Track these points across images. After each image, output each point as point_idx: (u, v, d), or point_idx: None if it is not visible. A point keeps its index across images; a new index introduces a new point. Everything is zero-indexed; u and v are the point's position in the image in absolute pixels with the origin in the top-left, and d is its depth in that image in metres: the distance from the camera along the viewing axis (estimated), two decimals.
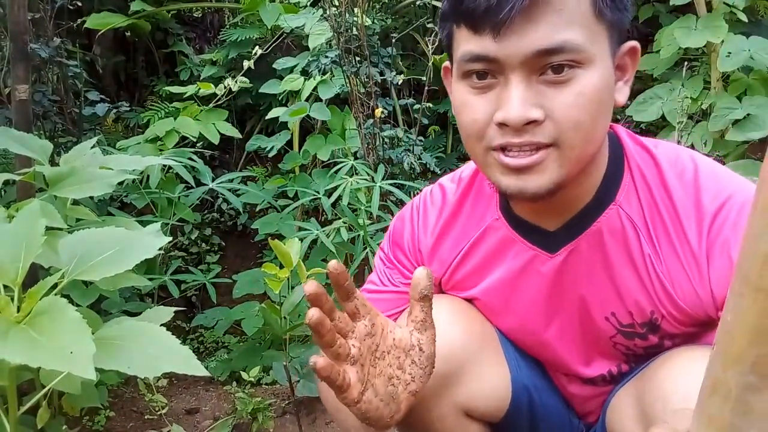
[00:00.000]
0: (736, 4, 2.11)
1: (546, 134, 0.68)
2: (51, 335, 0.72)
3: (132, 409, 1.62)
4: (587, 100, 0.68)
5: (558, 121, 0.68)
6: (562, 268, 0.83)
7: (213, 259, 2.49)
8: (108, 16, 2.93)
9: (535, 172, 0.70)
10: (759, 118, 1.94)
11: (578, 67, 0.67)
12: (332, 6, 2.13)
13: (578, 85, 0.67)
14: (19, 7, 1.36)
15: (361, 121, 2.09)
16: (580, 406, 0.96)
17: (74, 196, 1.21)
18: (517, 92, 0.67)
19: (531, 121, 0.67)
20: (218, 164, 2.90)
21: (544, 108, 0.68)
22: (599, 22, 0.68)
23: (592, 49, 0.67)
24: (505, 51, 0.66)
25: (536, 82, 0.68)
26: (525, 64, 0.67)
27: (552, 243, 0.83)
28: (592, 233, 0.80)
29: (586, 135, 0.69)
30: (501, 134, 0.69)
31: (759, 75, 2.10)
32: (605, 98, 0.70)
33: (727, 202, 0.74)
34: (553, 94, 0.68)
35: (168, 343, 0.80)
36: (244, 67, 2.48)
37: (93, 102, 2.48)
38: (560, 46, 0.66)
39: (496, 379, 0.90)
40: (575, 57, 0.66)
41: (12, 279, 0.83)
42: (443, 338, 0.86)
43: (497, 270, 0.88)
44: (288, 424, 1.58)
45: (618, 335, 0.84)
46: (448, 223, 0.92)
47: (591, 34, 0.67)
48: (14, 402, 0.87)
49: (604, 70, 0.69)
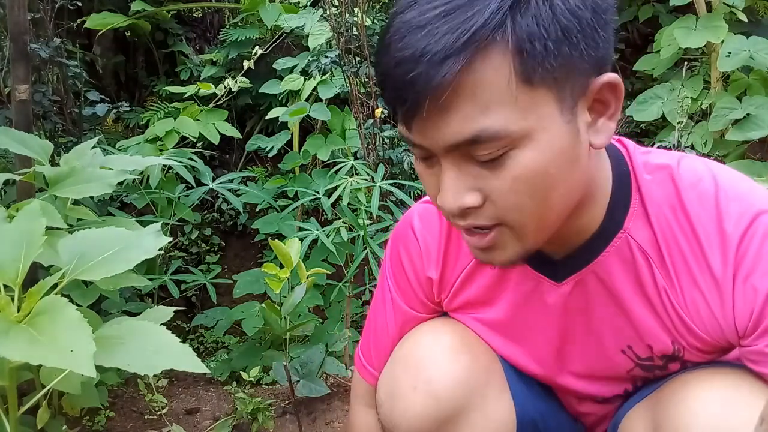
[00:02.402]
0: (736, 4, 2.11)
1: (488, 216, 0.63)
2: (51, 334, 0.72)
3: (132, 409, 1.62)
4: (526, 183, 0.60)
5: (497, 205, 0.62)
6: (569, 299, 0.78)
7: (213, 259, 2.50)
8: (108, 16, 2.93)
9: (496, 249, 0.66)
10: (759, 118, 1.94)
11: (509, 149, 0.59)
12: (332, 6, 2.13)
13: (514, 169, 0.60)
14: (19, 7, 1.36)
15: (361, 121, 2.09)
16: (590, 422, 0.93)
17: (74, 196, 1.21)
18: (449, 180, 0.62)
19: (467, 207, 0.62)
20: (218, 164, 2.90)
21: (482, 191, 0.62)
22: (533, 89, 0.58)
23: (524, 124, 0.58)
24: (425, 141, 0.62)
25: (470, 164, 0.61)
26: (450, 152, 0.61)
27: (557, 272, 0.78)
28: (599, 264, 0.75)
29: (535, 214, 0.63)
30: (451, 216, 0.65)
31: (759, 75, 2.10)
32: (556, 169, 0.61)
33: (751, 225, 0.68)
34: (489, 178, 0.61)
35: (168, 341, 0.80)
36: (244, 67, 2.48)
37: (93, 102, 2.48)
38: (475, 137, 0.58)
39: (501, 416, 0.86)
40: (498, 144, 0.59)
41: (12, 279, 0.83)
42: (445, 378, 0.83)
43: (502, 295, 0.84)
44: (288, 424, 1.58)
45: (636, 368, 0.80)
46: (448, 244, 0.87)
47: (521, 109, 0.58)
48: (14, 402, 0.87)
49: (549, 138, 0.60)
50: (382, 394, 0.89)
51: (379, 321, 0.96)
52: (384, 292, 0.95)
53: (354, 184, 1.85)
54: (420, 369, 0.85)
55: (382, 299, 0.96)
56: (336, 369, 1.65)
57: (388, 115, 2.15)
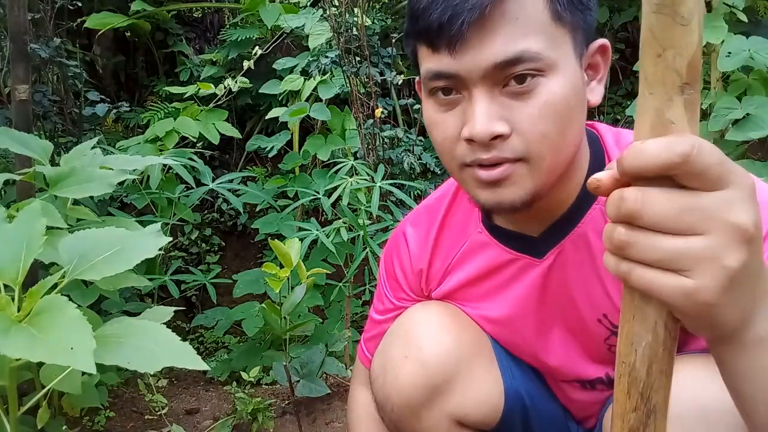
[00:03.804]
0: (736, 4, 2.11)
1: (513, 149, 0.67)
2: (51, 332, 0.72)
3: (132, 410, 1.62)
4: (552, 110, 0.66)
5: (524, 134, 0.67)
6: (550, 273, 0.82)
7: (213, 259, 2.50)
8: (108, 16, 2.93)
9: (509, 184, 0.69)
10: (759, 118, 1.94)
11: (540, 75, 0.65)
12: (332, 6, 2.14)
13: (542, 95, 0.66)
14: (19, 7, 1.36)
15: (361, 121, 2.09)
16: (579, 412, 0.96)
17: (74, 196, 1.21)
18: (480, 107, 0.66)
19: (497, 135, 0.66)
20: (218, 164, 2.90)
21: (510, 121, 0.67)
22: (559, 27, 0.66)
23: (553, 55, 0.66)
24: (463, 66, 0.66)
25: (500, 95, 0.67)
26: (486, 78, 0.66)
27: (538, 248, 0.83)
28: (577, 235, 0.80)
29: (555, 145, 0.68)
30: (471, 150, 0.69)
31: (759, 75, 2.10)
32: (573, 103, 0.68)
33: None
34: (518, 107, 0.66)
35: (168, 339, 0.80)
36: (244, 67, 2.48)
37: (93, 102, 2.48)
38: (518, 56, 0.64)
39: (489, 387, 0.90)
40: (535, 65, 0.65)
41: (13, 278, 0.83)
42: (434, 347, 0.87)
43: (486, 281, 0.88)
44: (288, 424, 1.58)
45: (612, 337, 0.83)
46: (437, 239, 0.93)
47: (551, 39, 0.66)
48: (14, 402, 0.87)
49: (569, 74, 0.67)
50: (376, 368, 0.93)
51: (377, 311, 1.03)
52: (380, 287, 1.02)
53: (354, 184, 1.85)
54: (411, 339, 0.89)
55: (379, 294, 1.03)
56: (336, 369, 1.65)
57: (388, 115, 2.15)
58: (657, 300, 0.43)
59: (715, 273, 0.41)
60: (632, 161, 0.42)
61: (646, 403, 0.45)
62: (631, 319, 0.45)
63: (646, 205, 0.41)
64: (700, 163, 0.40)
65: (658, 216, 0.41)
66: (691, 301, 0.42)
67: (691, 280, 0.41)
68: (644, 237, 0.42)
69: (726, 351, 0.48)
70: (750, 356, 0.47)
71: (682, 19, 0.40)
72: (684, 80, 0.41)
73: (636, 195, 0.42)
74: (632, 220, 0.42)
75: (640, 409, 0.45)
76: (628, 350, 0.45)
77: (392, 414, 0.91)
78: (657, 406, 0.45)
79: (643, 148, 0.41)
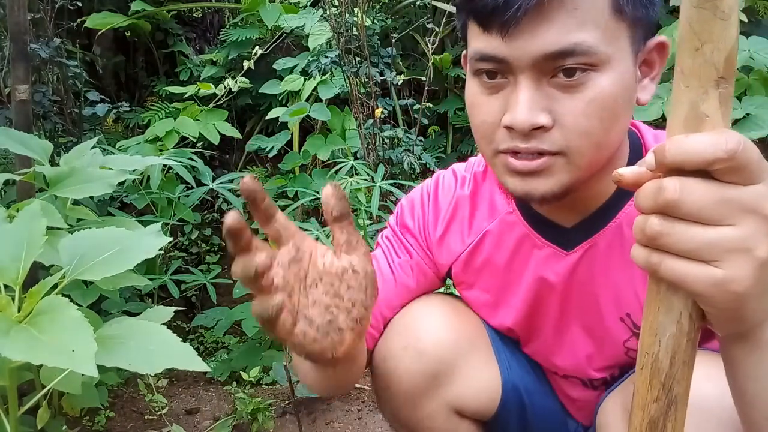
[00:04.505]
0: None
1: (553, 142, 0.65)
2: (52, 334, 0.72)
3: (132, 410, 1.62)
4: (599, 107, 0.64)
5: (566, 128, 0.65)
6: (576, 267, 0.80)
7: (213, 260, 2.49)
8: (108, 16, 2.93)
9: (542, 176, 0.67)
10: (759, 118, 1.94)
11: (592, 70, 0.63)
12: (332, 6, 2.14)
13: (591, 91, 0.64)
14: (19, 8, 1.36)
15: (361, 121, 2.09)
16: (577, 409, 0.96)
17: (74, 196, 1.21)
18: (525, 96, 0.64)
19: (538, 126, 0.64)
20: (218, 164, 2.90)
21: (553, 113, 0.65)
22: (618, 21, 0.64)
23: (608, 50, 0.63)
24: (513, 52, 0.64)
25: (546, 85, 0.65)
26: (534, 67, 0.64)
27: (568, 240, 0.80)
28: (611, 230, 0.78)
29: (597, 143, 0.66)
30: (509, 138, 0.67)
31: (759, 75, 2.09)
32: (622, 101, 0.66)
33: None
34: (564, 100, 0.64)
35: (168, 340, 0.80)
36: (244, 67, 2.48)
37: (93, 102, 2.48)
38: (571, 49, 0.62)
39: (486, 378, 0.90)
40: (588, 60, 0.63)
41: (13, 279, 0.83)
42: (432, 337, 0.87)
43: (509, 265, 0.86)
44: (288, 424, 1.58)
45: (632, 339, 0.82)
46: (457, 212, 0.89)
47: (608, 34, 0.63)
48: (14, 402, 0.87)
49: (622, 71, 0.65)
50: (378, 359, 0.92)
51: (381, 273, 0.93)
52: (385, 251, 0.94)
53: (354, 184, 1.85)
54: (410, 331, 0.89)
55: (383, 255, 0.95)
56: None
57: (388, 115, 2.15)
58: (684, 291, 0.44)
59: (747, 263, 0.42)
60: (675, 154, 0.42)
61: (667, 394, 0.46)
62: (656, 311, 0.46)
63: (684, 194, 0.42)
64: (744, 160, 0.41)
65: (695, 205, 0.42)
66: (721, 290, 0.42)
67: (721, 270, 0.42)
68: (679, 227, 0.43)
69: (740, 348, 0.48)
70: (762, 356, 0.47)
71: (722, 14, 0.41)
72: (720, 74, 0.42)
73: (675, 185, 0.43)
74: (668, 210, 0.43)
75: (662, 399, 0.46)
76: (651, 341, 0.46)
77: (391, 403, 0.91)
78: (678, 397, 0.46)
79: (689, 142, 0.42)
